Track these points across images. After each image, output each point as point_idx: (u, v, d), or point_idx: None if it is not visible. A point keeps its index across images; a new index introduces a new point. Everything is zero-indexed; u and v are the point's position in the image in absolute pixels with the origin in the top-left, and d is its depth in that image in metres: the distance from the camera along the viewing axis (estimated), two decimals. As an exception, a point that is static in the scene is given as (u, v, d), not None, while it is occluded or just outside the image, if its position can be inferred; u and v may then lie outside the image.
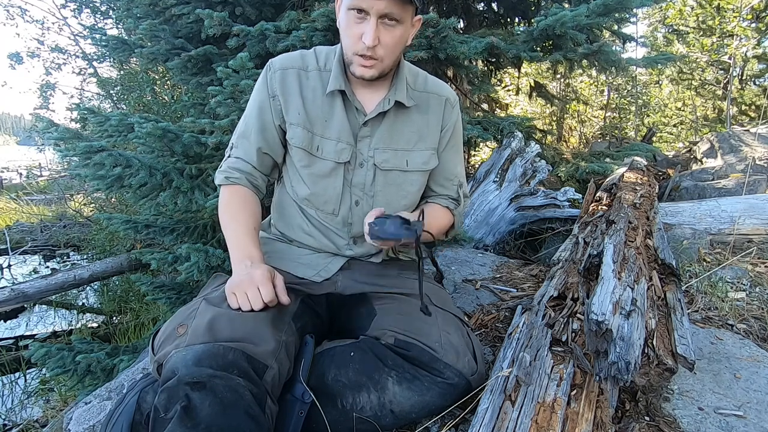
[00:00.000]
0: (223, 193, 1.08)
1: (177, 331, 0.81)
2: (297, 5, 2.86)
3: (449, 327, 0.98)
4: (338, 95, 1.04)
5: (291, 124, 1.06)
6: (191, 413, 0.68)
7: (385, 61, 0.97)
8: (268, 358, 0.81)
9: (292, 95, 1.05)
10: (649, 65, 2.98)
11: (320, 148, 1.05)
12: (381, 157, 1.07)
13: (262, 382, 0.78)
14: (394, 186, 1.10)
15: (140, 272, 3.53)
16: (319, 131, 1.05)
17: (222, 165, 1.11)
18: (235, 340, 0.79)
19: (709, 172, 3.19)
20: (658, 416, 0.98)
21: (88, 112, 2.27)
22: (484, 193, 2.49)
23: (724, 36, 6.36)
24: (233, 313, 0.84)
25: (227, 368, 0.75)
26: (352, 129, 1.06)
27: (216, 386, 0.71)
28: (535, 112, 7.07)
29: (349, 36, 0.96)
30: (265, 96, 1.07)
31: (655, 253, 1.56)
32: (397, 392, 0.89)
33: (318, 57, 1.08)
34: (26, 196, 8.49)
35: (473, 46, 2.45)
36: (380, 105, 1.04)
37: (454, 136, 1.17)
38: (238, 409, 0.71)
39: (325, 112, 1.05)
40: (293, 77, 1.05)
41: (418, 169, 1.11)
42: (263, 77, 1.08)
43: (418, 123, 1.10)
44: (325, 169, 1.06)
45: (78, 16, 6.76)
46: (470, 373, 0.93)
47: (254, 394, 0.75)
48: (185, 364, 0.74)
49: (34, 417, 2.64)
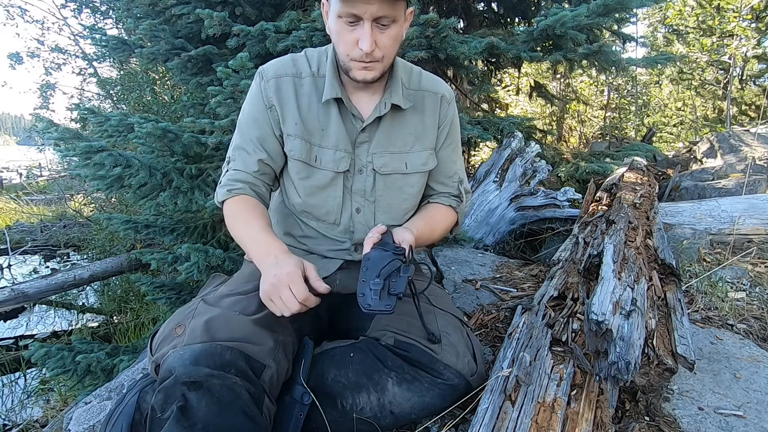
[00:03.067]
0: (228, 206, 1.03)
1: (175, 331, 0.81)
2: (297, 5, 2.86)
3: (449, 328, 0.97)
4: (333, 102, 1.02)
5: (288, 135, 1.03)
6: (188, 413, 0.68)
7: (385, 60, 0.95)
8: (266, 358, 0.81)
9: (288, 105, 1.02)
10: (649, 65, 2.98)
11: (318, 159, 1.03)
12: (380, 161, 1.05)
13: (260, 381, 0.78)
14: (394, 189, 1.08)
15: (140, 272, 3.53)
16: (316, 141, 1.03)
17: (221, 180, 1.06)
18: (233, 339, 0.78)
19: (709, 172, 3.19)
20: (658, 416, 0.98)
21: (88, 112, 2.27)
22: (484, 193, 2.49)
23: (724, 36, 6.35)
24: (230, 314, 0.84)
25: (225, 368, 0.74)
26: (349, 136, 1.03)
27: (213, 386, 0.71)
28: (535, 112, 7.06)
29: (343, 42, 0.92)
30: (262, 106, 1.03)
31: (655, 253, 1.56)
32: (396, 393, 0.88)
33: (310, 62, 1.04)
34: (26, 196, 8.49)
35: (473, 46, 2.45)
36: (377, 109, 1.02)
37: (452, 133, 1.15)
38: (235, 409, 0.71)
39: (321, 120, 1.03)
40: (288, 85, 1.02)
41: (417, 171, 1.09)
42: (257, 86, 1.05)
43: (414, 123, 1.08)
44: (324, 180, 1.04)
45: (78, 16, 6.78)
46: (470, 373, 0.93)
47: (252, 393, 0.75)
48: (182, 364, 0.74)
49: (34, 417, 2.64)
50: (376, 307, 0.82)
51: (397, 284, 0.85)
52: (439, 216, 1.14)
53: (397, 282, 0.85)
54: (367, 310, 0.82)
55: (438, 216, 1.13)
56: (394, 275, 0.86)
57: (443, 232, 1.15)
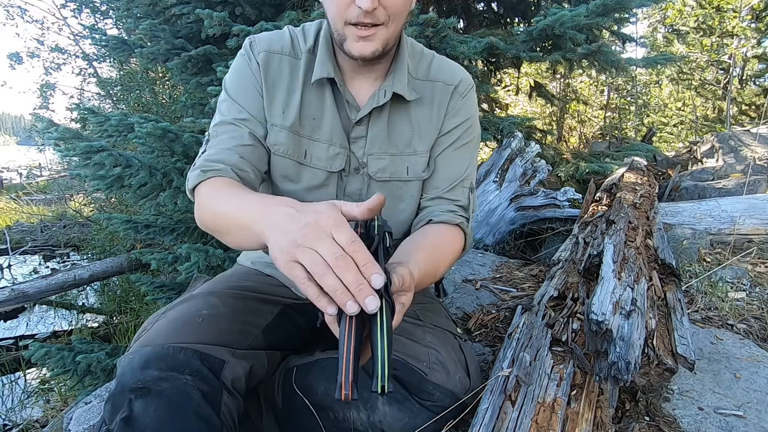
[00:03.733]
0: (200, 192, 0.77)
1: (140, 335, 0.78)
2: (297, 5, 2.86)
3: (437, 343, 0.89)
4: (327, 85, 0.85)
5: (273, 126, 0.85)
6: (133, 423, 0.65)
7: (391, 27, 0.75)
8: (224, 354, 0.75)
9: (277, 88, 0.85)
10: (649, 65, 2.99)
11: (309, 154, 0.87)
12: (376, 165, 0.89)
13: (220, 379, 0.73)
14: (392, 198, 0.92)
15: (140, 272, 3.53)
16: (307, 132, 0.86)
17: (195, 162, 0.81)
18: (189, 340, 0.74)
19: (709, 172, 3.19)
20: (658, 416, 0.98)
21: (88, 112, 2.27)
22: (484, 193, 2.49)
23: (724, 36, 6.36)
24: (191, 313, 0.79)
25: (177, 368, 0.70)
26: (344, 127, 0.86)
27: (163, 390, 0.67)
28: (535, 112, 7.07)
29: (337, 2, 0.72)
30: (251, 77, 0.85)
31: (655, 253, 1.56)
32: (387, 413, 0.84)
33: (306, 36, 0.87)
34: (26, 196, 8.49)
35: (473, 46, 2.45)
36: (374, 98, 0.85)
37: (468, 129, 0.93)
38: (186, 412, 0.67)
39: (313, 107, 0.85)
40: (280, 65, 0.85)
41: (418, 178, 0.92)
42: (245, 58, 0.86)
43: (419, 119, 0.89)
44: (315, 181, 0.88)
45: (78, 16, 6.78)
46: (462, 391, 0.88)
47: (204, 392, 0.70)
48: (131, 368, 0.69)
49: (34, 417, 2.64)
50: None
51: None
52: (446, 246, 0.87)
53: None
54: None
55: (444, 246, 0.86)
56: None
57: (448, 266, 0.89)
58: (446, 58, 0.94)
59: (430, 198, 0.94)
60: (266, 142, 0.86)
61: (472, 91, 0.93)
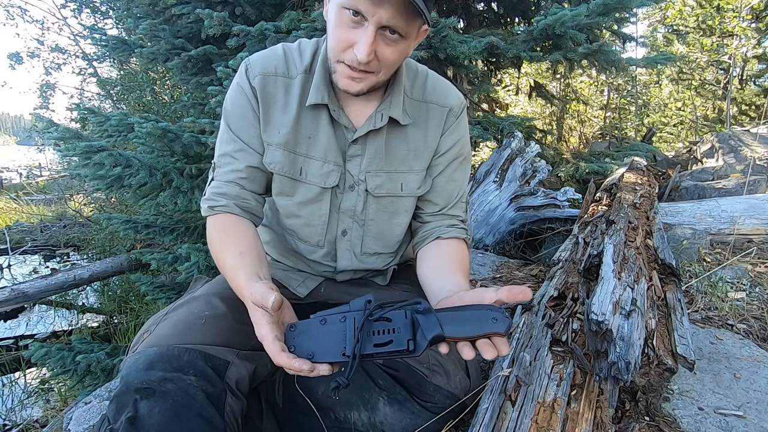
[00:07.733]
0: (209, 226, 0.89)
1: (142, 337, 0.79)
2: (297, 5, 2.86)
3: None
4: (323, 107, 0.87)
5: (269, 145, 0.88)
6: (138, 423, 0.66)
7: (380, 76, 0.80)
8: (228, 355, 0.76)
9: (272, 110, 0.87)
10: (649, 65, 2.99)
11: (304, 171, 0.89)
12: (374, 182, 0.91)
13: (224, 380, 0.74)
14: (387, 213, 0.95)
15: (140, 272, 3.53)
16: (303, 150, 0.89)
17: (206, 191, 0.91)
18: (194, 341, 0.75)
19: (709, 172, 3.19)
20: (658, 416, 0.98)
21: (88, 112, 2.27)
22: (484, 193, 2.49)
23: (724, 36, 6.36)
24: (194, 315, 0.80)
25: (182, 369, 0.71)
26: (339, 146, 0.89)
27: (167, 391, 0.68)
28: (535, 112, 7.07)
29: (337, 39, 0.76)
30: (247, 103, 0.88)
31: (655, 253, 1.56)
32: (388, 413, 0.85)
33: (303, 56, 0.89)
34: (26, 196, 8.49)
35: (473, 45, 2.45)
36: (371, 121, 0.87)
37: (463, 150, 0.99)
38: (190, 413, 0.68)
39: (309, 126, 0.88)
40: (275, 87, 0.87)
41: (412, 194, 0.95)
42: (241, 83, 0.88)
43: (414, 139, 0.92)
44: (309, 195, 0.91)
45: (78, 16, 6.78)
46: (463, 392, 0.89)
47: (209, 393, 0.71)
48: (136, 369, 0.70)
49: (34, 417, 2.64)
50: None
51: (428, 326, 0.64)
52: (466, 260, 0.93)
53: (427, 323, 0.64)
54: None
55: (465, 260, 0.93)
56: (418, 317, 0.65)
57: None
58: (438, 75, 0.99)
59: (430, 214, 0.98)
60: (264, 161, 0.89)
61: (464, 112, 0.98)
